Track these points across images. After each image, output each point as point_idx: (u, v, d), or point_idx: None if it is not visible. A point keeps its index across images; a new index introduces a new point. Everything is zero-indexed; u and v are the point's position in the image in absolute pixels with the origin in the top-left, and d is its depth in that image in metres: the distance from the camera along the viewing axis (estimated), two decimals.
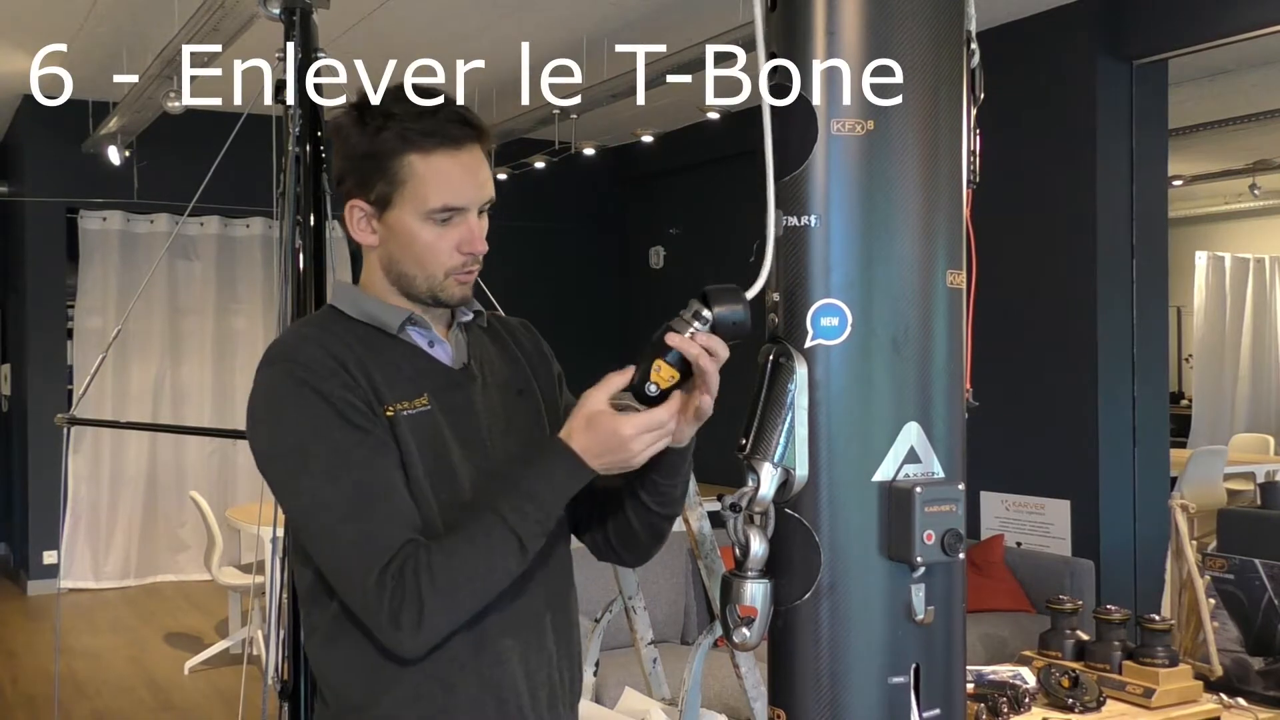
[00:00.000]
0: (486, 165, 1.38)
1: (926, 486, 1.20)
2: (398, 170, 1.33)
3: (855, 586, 1.22)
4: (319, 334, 1.36)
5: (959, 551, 1.21)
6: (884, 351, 1.22)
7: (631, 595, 2.65)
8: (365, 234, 1.39)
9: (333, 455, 1.28)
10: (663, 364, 1.24)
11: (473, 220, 1.36)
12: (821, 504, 1.22)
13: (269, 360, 1.35)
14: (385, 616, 1.24)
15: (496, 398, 1.43)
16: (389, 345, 1.38)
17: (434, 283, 1.37)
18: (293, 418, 1.30)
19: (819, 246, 1.23)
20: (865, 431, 1.22)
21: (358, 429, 1.29)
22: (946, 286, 1.24)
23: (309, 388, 1.30)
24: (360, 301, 1.41)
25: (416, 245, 1.35)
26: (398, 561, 1.25)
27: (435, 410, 1.36)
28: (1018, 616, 4.55)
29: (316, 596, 1.37)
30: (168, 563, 7.21)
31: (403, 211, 1.34)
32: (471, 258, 1.37)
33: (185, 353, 7.25)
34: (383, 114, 1.33)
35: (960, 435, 1.27)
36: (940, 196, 1.24)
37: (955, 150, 1.26)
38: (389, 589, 1.24)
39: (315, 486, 1.28)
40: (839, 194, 1.22)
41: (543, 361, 1.53)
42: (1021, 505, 5.04)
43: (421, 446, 1.33)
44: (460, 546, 1.26)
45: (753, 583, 1.24)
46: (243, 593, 5.23)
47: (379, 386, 1.33)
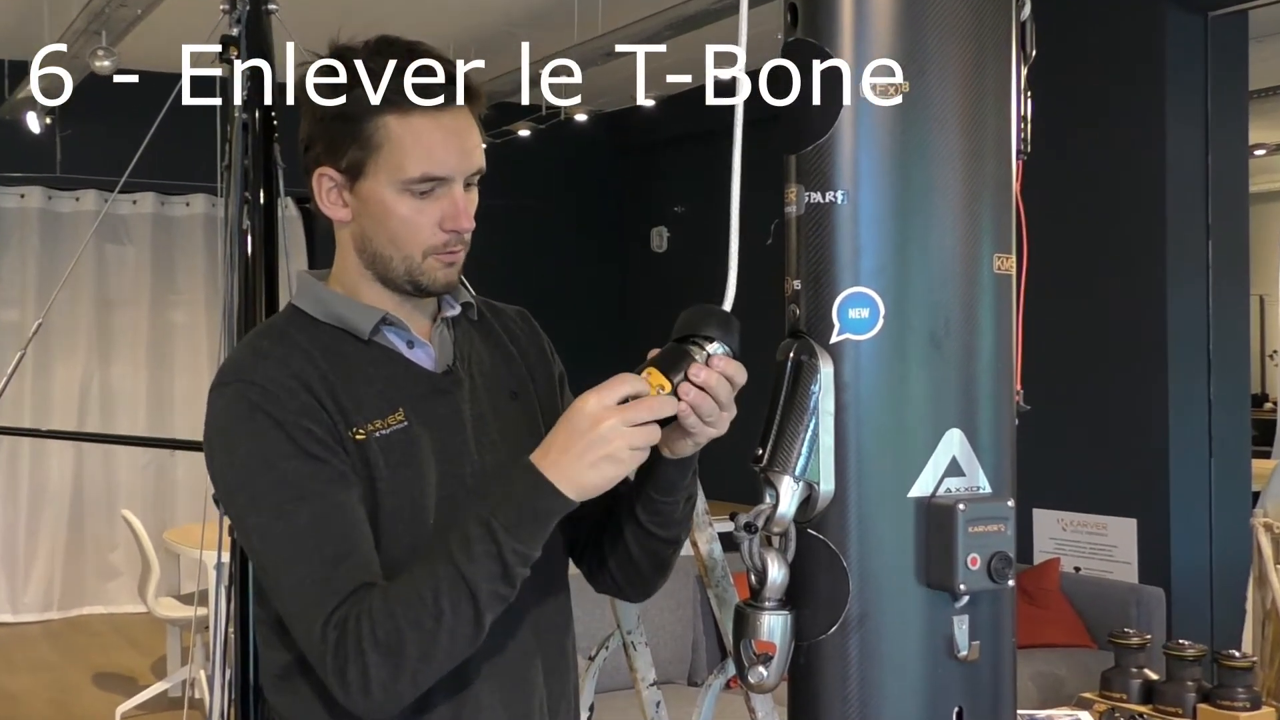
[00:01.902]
0: (476, 131, 1.38)
1: (971, 503, 1.20)
2: (371, 133, 1.33)
3: (889, 618, 1.22)
4: (278, 348, 1.36)
5: (1008, 578, 1.21)
6: (921, 347, 1.22)
7: (631, 629, 2.65)
8: (335, 207, 1.39)
9: (283, 489, 1.28)
10: (653, 370, 1.23)
11: (457, 193, 1.36)
12: (850, 523, 1.22)
13: (222, 381, 1.35)
14: (332, 675, 1.24)
15: (486, 403, 1.43)
16: (359, 352, 1.38)
17: (411, 264, 1.37)
18: (245, 448, 1.31)
19: (846, 227, 1.23)
20: (900, 440, 1.22)
21: (313, 459, 1.29)
22: (993, 272, 1.24)
23: (262, 413, 1.30)
24: (327, 301, 1.40)
25: (392, 220, 1.35)
26: (342, 611, 1.24)
27: (414, 425, 1.36)
28: (1076, 653, 4.55)
29: (278, 637, 1.37)
30: (96, 592, 7.22)
31: (377, 181, 1.34)
32: (455, 236, 1.37)
33: (116, 351, 7.26)
34: (355, 71, 1.33)
35: (1010, 444, 1.27)
36: (986, 169, 1.24)
37: (1003, 115, 1.26)
38: (332, 642, 1.24)
39: (264, 524, 1.29)
40: (869, 166, 1.22)
41: (541, 359, 1.53)
42: (1080, 525, 5.04)
43: (395, 471, 1.33)
44: (404, 596, 1.24)
45: (771, 614, 1.23)
46: (183, 627, 5.23)
47: (346, 408, 1.33)
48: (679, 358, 1.24)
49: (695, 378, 1.22)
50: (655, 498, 1.36)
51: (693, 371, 1.22)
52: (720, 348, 1.25)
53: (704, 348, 1.24)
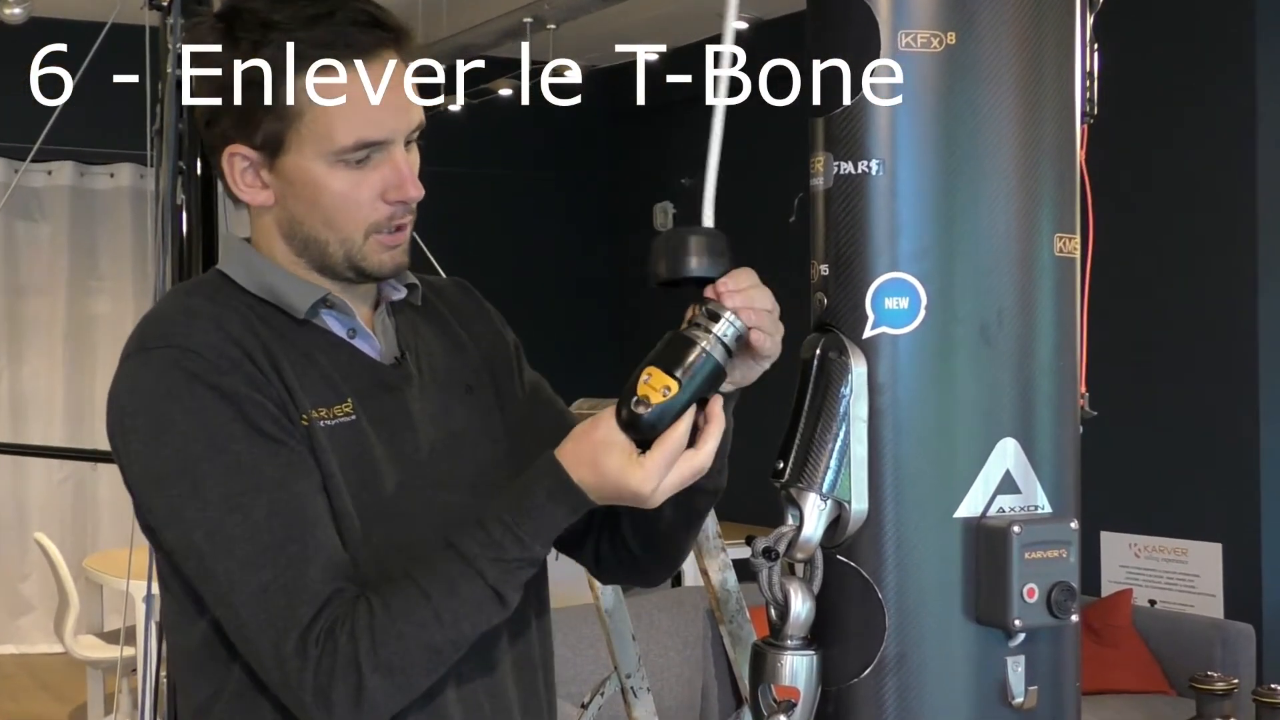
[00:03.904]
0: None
1: (1028, 525, 1.21)
2: (289, 99, 1.32)
3: (932, 659, 1.22)
4: (211, 307, 1.35)
5: (1071, 612, 1.22)
6: (970, 343, 1.22)
7: (630, 672, 2.66)
8: (253, 190, 1.38)
9: (236, 476, 1.27)
10: (654, 370, 1.21)
11: (398, 156, 1.35)
12: (886, 549, 1.22)
13: (144, 344, 1.33)
14: (311, 694, 1.24)
15: (437, 401, 1.43)
16: (298, 332, 1.38)
17: (351, 248, 1.36)
18: (181, 425, 1.29)
19: (882, 203, 1.23)
20: (945, 451, 1.22)
21: (269, 440, 1.29)
22: (1053, 255, 1.25)
23: (204, 384, 1.29)
24: (259, 271, 1.40)
25: (325, 198, 1.35)
26: (325, 620, 1.25)
27: (362, 420, 1.36)
28: (1151, 700, 4.55)
29: (203, 664, 1.37)
30: (6, 630, 7.22)
31: (301, 155, 1.34)
32: (402, 207, 1.36)
33: (28, 347, 7.26)
34: (260, 24, 1.32)
35: (1073, 456, 1.27)
36: (1045, 135, 1.24)
37: (1065, 73, 1.26)
38: (314, 658, 1.24)
39: (213, 519, 1.27)
40: (909, 131, 1.22)
41: (493, 340, 1.53)
42: (1156, 550, 5.04)
43: (345, 469, 1.33)
44: (412, 602, 1.25)
45: (794, 655, 1.24)
46: (106, 669, 5.24)
47: (292, 386, 1.33)
48: (681, 348, 1.22)
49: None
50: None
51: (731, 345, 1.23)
52: (729, 329, 1.22)
53: (709, 329, 1.22)
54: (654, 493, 1.23)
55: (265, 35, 1.31)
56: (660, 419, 1.21)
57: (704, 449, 1.24)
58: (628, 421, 1.21)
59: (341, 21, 1.32)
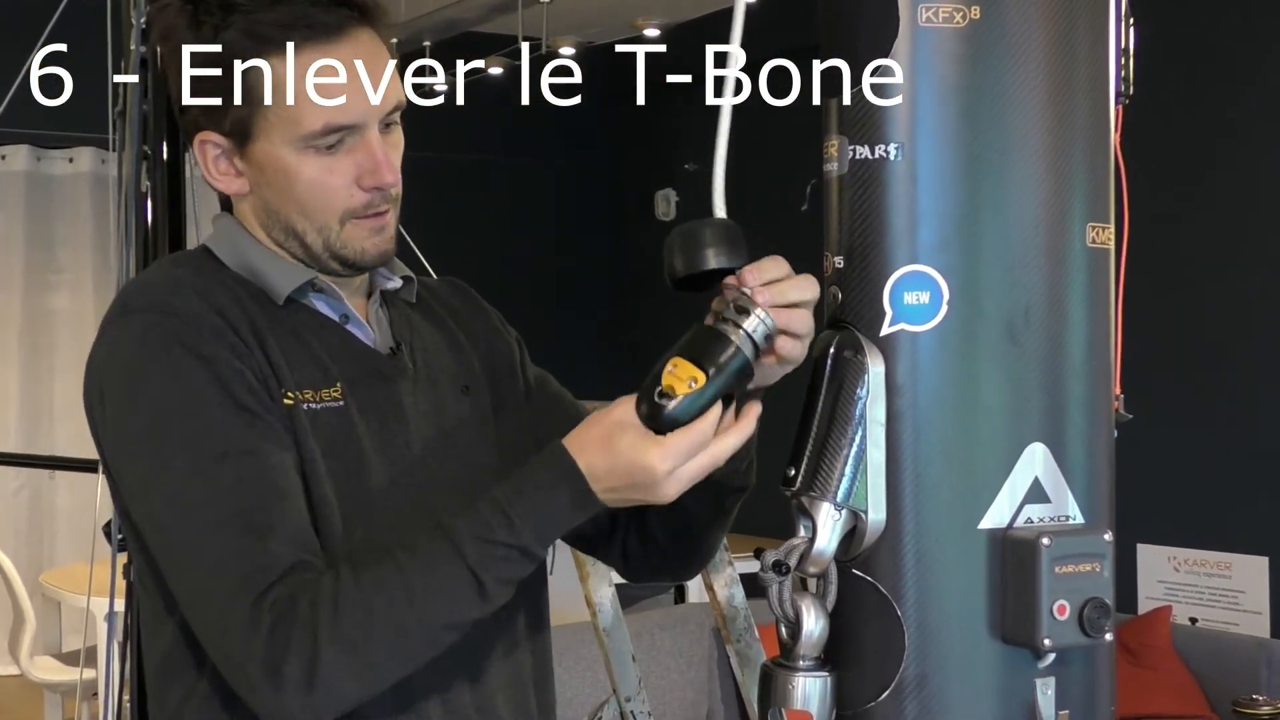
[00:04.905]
0: (384, 56, 1.39)
1: (1058, 537, 1.21)
2: (251, 83, 1.35)
3: (955, 681, 1.22)
4: (198, 279, 1.38)
5: (1105, 630, 1.22)
6: (996, 341, 1.22)
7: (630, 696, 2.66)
8: (226, 178, 1.42)
9: (206, 441, 1.29)
10: (680, 360, 1.21)
11: (373, 139, 1.37)
12: (905, 562, 1.23)
13: (126, 308, 1.36)
14: (258, 666, 1.24)
15: (432, 398, 1.45)
16: (286, 311, 1.41)
17: (329, 236, 1.39)
18: (157, 388, 1.31)
19: (901, 189, 1.23)
20: (969, 457, 1.23)
21: (245, 411, 1.31)
22: (1086, 246, 1.25)
23: (183, 348, 1.31)
24: (246, 251, 1.43)
25: (298, 186, 1.37)
26: (284, 589, 1.25)
27: (350, 408, 1.38)
28: None
29: (173, 667, 1.38)
30: None
31: (270, 142, 1.37)
32: (379, 194, 1.39)
33: None
34: (220, 6, 1.35)
35: (1107, 462, 1.27)
36: (1076, 117, 1.24)
37: (1098, 49, 1.26)
38: (266, 626, 1.23)
39: (177, 483, 1.29)
40: (930, 113, 1.22)
41: (493, 339, 1.55)
42: (1198, 564, 5.04)
43: (329, 455, 1.35)
44: (385, 576, 1.25)
45: (806, 676, 1.24)
46: (65, 693, 5.24)
47: (277, 363, 1.35)
48: (711, 340, 1.22)
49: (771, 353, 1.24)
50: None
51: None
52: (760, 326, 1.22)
53: (740, 324, 1.22)
54: (669, 475, 1.21)
55: (225, 18, 1.34)
56: (684, 412, 1.20)
57: (725, 440, 1.23)
58: (649, 414, 1.21)
59: (303, 1, 1.34)
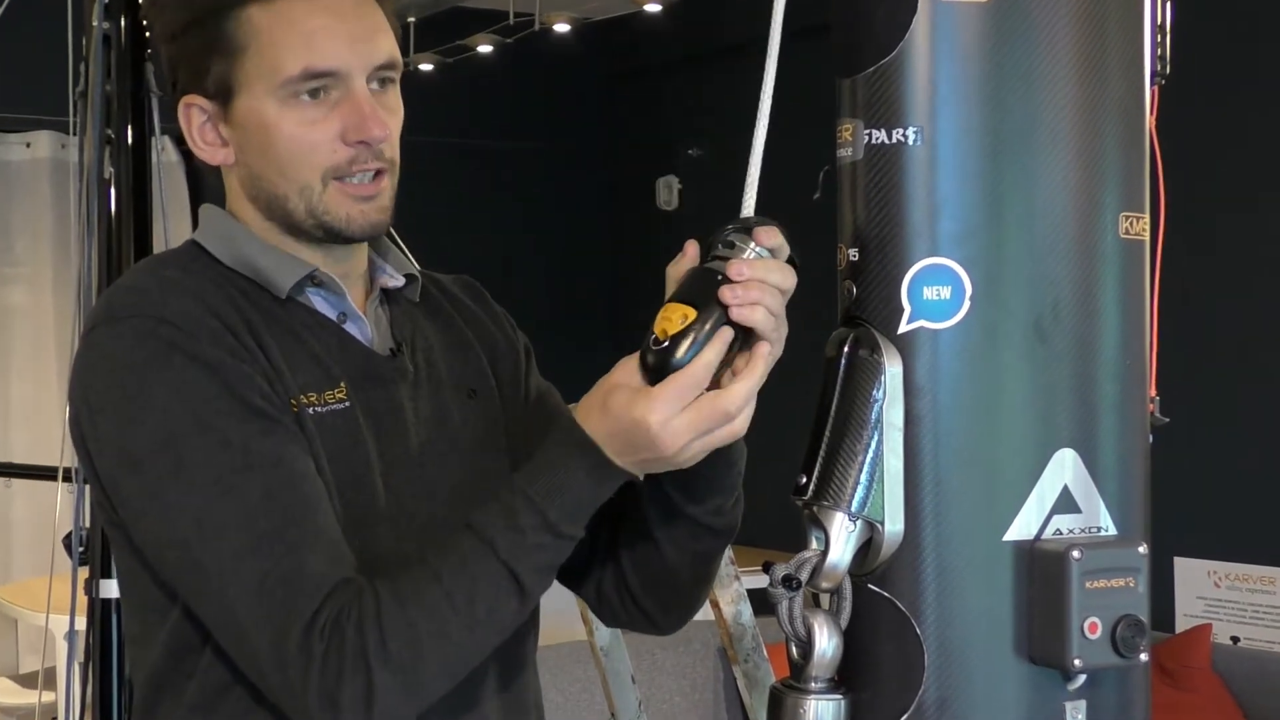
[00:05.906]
0: (374, 11, 1.41)
1: (1089, 549, 1.21)
2: (232, 33, 1.37)
3: (979, 704, 1.22)
4: (187, 279, 1.39)
5: (1140, 650, 1.22)
6: (1022, 340, 1.23)
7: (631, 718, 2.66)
8: (213, 147, 1.44)
9: (225, 454, 1.29)
10: (671, 304, 1.22)
11: (359, 91, 1.39)
12: (925, 576, 1.23)
13: (112, 315, 1.36)
14: (315, 697, 1.25)
15: (434, 403, 1.46)
16: (282, 309, 1.41)
17: (311, 197, 1.40)
18: (161, 401, 1.31)
19: (920, 177, 1.23)
20: (993, 464, 1.23)
21: (261, 416, 1.31)
22: (1118, 237, 1.25)
23: (184, 355, 1.31)
24: (238, 243, 1.43)
25: (279, 141, 1.39)
26: (330, 612, 1.26)
27: (355, 409, 1.39)
28: None
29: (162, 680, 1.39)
30: None
31: (252, 95, 1.39)
32: (365, 149, 1.39)
33: None
34: None
35: (1142, 470, 1.28)
36: (1109, 98, 1.24)
37: (1132, 26, 1.26)
38: (319, 655, 1.25)
39: (200, 503, 1.29)
40: (951, 95, 1.23)
41: (502, 341, 1.56)
42: (1240, 579, 5.04)
43: (334, 463, 1.36)
44: (421, 585, 1.27)
45: (818, 699, 1.24)
46: (22, 717, 5.24)
47: (279, 367, 1.36)
48: (699, 277, 1.23)
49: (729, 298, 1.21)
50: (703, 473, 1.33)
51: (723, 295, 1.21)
52: (753, 252, 1.23)
53: (729, 259, 1.23)
54: (664, 426, 1.19)
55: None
56: (676, 348, 1.21)
57: (733, 389, 1.21)
58: (642, 363, 1.22)
59: None
